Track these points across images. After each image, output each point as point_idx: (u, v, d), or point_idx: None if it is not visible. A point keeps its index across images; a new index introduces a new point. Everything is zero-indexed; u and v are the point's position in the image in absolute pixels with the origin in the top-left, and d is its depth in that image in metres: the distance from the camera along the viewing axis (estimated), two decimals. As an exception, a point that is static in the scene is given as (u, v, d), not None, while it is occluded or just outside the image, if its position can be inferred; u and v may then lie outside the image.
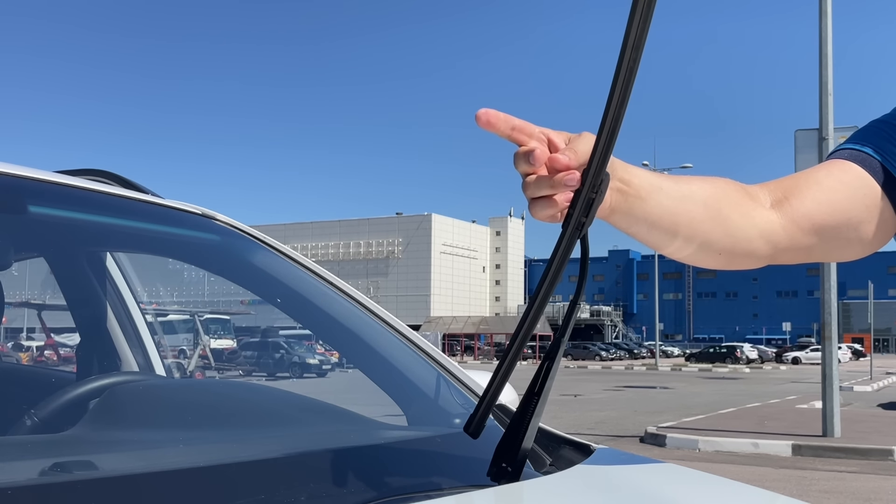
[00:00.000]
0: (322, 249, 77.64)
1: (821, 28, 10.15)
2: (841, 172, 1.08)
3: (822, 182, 1.07)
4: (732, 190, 1.04)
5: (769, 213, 1.05)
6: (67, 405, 1.22)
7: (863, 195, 1.06)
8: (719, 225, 1.00)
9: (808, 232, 1.05)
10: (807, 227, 1.05)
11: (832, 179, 1.07)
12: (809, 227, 1.05)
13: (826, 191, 1.06)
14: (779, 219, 1.04)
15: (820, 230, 1.05)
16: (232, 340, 21.27)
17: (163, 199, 1.59)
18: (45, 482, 0.88)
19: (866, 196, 1.06)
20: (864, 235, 1.07)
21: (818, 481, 7.63)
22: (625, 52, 0.77)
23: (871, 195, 1.06)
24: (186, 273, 8.90)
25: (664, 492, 1.17)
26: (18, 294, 4.86)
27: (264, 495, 0.93)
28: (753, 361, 51.30)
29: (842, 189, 1.06)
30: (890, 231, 1.09)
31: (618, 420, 13.30)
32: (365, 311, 1.53)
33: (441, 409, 1.42)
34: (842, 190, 1.06)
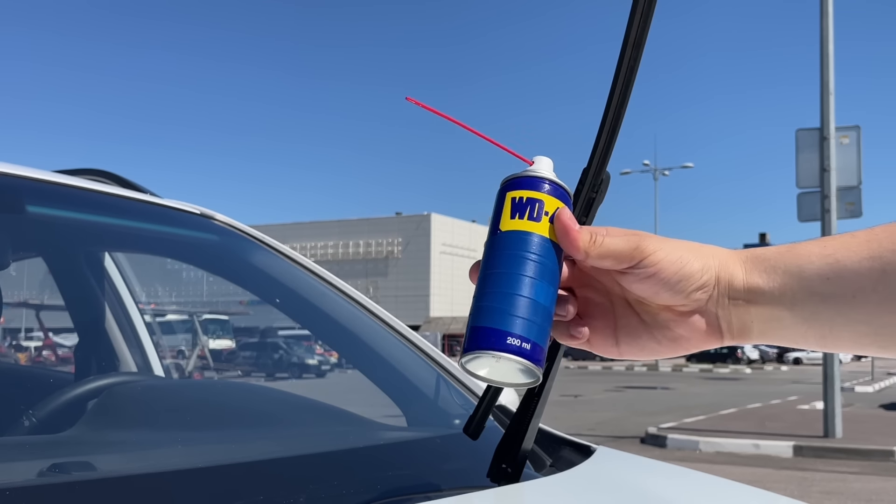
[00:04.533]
0: (321, 249, 77.69)
1: (822, 28, 10.15)
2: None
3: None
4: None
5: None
6: (66, 406, 1.22)
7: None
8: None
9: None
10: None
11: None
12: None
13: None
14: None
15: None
16: (231, 341, 21.29)
17: (161, 199, 1.59)
18: (44, 483, 0.88)
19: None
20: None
21: (819, 482, 7.63)
22: (625, 50, 0.77)
23: None
24: (185, 273, 8.87)
25: (665, 493, 1.16)
26: (17, 294, 4.87)
27: (263, 496, 0.93)
28: (755, 362, 51.32)
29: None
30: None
31: (618, 421, 13.30)
32: (364, 312, 1.52)
33: (441, 410, 1.42)
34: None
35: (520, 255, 0.63)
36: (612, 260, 0.64)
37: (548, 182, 0.66)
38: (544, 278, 0.63)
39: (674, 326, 0.67)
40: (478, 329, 0.62)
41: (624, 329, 0.68)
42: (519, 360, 0.61)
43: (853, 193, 9.98)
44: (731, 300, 0.65)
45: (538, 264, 0.63)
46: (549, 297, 0.63)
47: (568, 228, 0.64)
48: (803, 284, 0.62)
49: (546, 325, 0.63)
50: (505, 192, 0.67)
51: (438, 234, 77.42)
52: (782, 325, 0.64)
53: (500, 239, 0.65)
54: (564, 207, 0.66)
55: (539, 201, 0.65)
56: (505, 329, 0.61)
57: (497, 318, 0.61)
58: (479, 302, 0.63)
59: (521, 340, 0.61)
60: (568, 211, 0.66)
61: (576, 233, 0.64)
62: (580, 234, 0.65)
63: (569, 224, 0.65)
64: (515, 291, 0.62)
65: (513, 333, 0.61)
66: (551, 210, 0.65)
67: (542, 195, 0.65)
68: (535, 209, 0.65)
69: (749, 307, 0.64)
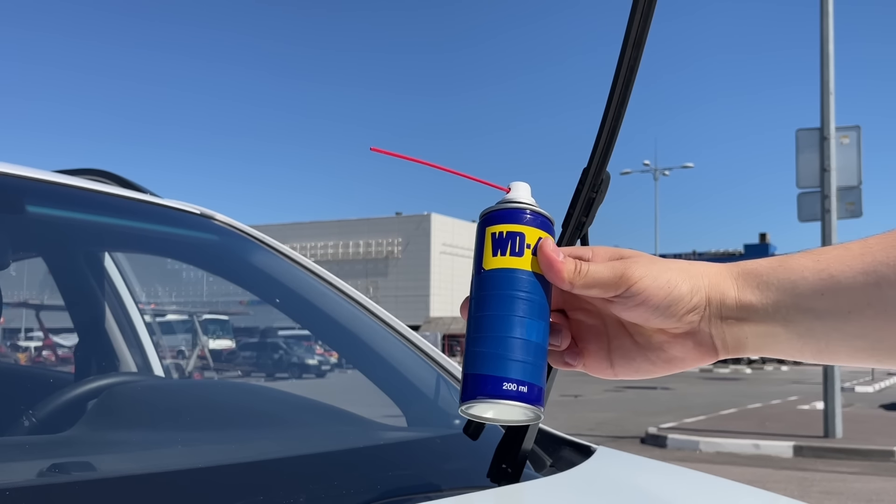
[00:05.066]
0: (321, 249, 77.68)
1: (822, 28, 10.15)
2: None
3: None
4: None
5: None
6: (66, 406, 1.22)
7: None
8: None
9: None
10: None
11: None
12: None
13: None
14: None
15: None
16: (231, 341, 21.28)
17: (161, 199, 1.59)
18: (44, 483, 0.87)
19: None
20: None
21: (819, 482, 7.63)
22: (625, 50, 0.77)
23: None
24: (185, 273, 8.86)
25: (665, 493, 1.16)
26: (17, 294, 4.87)
27: (263, 496, 0.93)
28: (755, 362, 51.32)
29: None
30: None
31: (618, 421, 13.30)
32: (364, 312, 1.52)
33: (441, 410, 1.42)
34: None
35: (507, 295, 0.62)
36: (598, 289, 0.63)
37: (527, 212, 0.65)
38: (534, 315, 0.62)
39: (667, 348, 0.66)
40: (473, 377, 0.61)
41: (618, 351, 0.68)
42: (517, 404, 0.60)
43: (853, 193, 9.98)
44: (723, 319, 0.63)
45: (526, 302, 0.62)
46: (541, 334, 0.62)
47: (551, 260, 0.63)
48: (797, 301, 0.61)
49: (541, 362, 0.62)
50: (484, 227, 0.66)
51: (438, 234, 77.41)
52: (777, 341, 0.63)
53: (484, 279, 0.64)
54: (547, 238, 0.65)
55: (519, 234, 0.64)
56: (500, 375, 0.60)
57: (491, 363, 0.61)
58: (472, 347, 0.62)
59: (517, 384, 0.60)
60: (551, 241, 0.65)
61: (560, 264, 0.63)
62: (564, 264, 0.63)
63: (551, 256, 0.63)
64: (507, 334, 0.61)
65: (509, 378, 0.60)
66: (533, 242, 0.64)
67: (521, 227, 0.64)
68: (517, 243, 0.63)
69: (743, 324, 0.63)
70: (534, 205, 0.66)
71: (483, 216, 0.66)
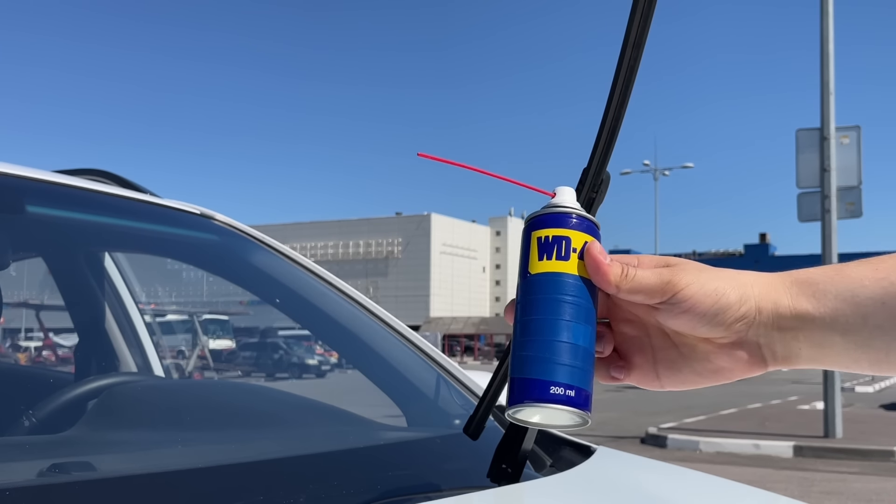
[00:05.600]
0: (321, 249, 77.67)
1: (822, 28, 10.15)
2: None
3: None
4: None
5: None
6: (66, 406, 1.22)
7: None
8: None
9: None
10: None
11: None
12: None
13: None
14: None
15: None
16: (231, 341, 21.28)
17: (161, 199, 1.59)
18: (44, 483, 0.87)
19: None
20: None
21: (820, 482, 7.63)
22: (625, 50, 0.77)
23: None
24: (185, 273, 8.86)
25: (665, 493, 1.16)
26: (17, 294, 4.87)
27: (263, 496, 0.93)
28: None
29: None
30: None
31: (618, 421, 13.29)
32: (364, 312, 1.52)
33: (441, 410, 1.42)
34: None
35: (553, 299, 0.62)
36: (643, 295, 0.62)
37: (573, 216, 0.64)
38: (581, 319, 0.62)
39: (714, 358, 0.64)
40: (521, 381, 0.61)
41: (663, 362, 0.66)
42: (564, 408, 0.60)
43: (853, 193, 9.98)
44: (777, 329, 0.62)
45: (573, 306, 0.62)
46: (587, 338, 0.62)
47: (598, 263, 0.62)
48: (857, 310, 0.59)
49: (588, 366, 0.62)
50: (530, 231, 0.65)
51: (438, 234, 77.36)
52: (834, 352, 0.61)
53: (530, 283, 0.63)
54: (593, 241, 0.64)
55: (566, 238, 0.63)
56: (548, 379, 0.60)
57: (538, 367, 0.60)
58: (518, 351, 0.62)
59: (564, 388, 0.60)
60: (597, 245, 0.64)
61: (606, 267, 0.62)
62: (611, 267, 0.63)
63: (599, 259, 0.63)
64: (554, 338, 0.61)
65: (556, 382, 0.60)
66: (579, 245, 0.63)
67: (567, 231, 0.63)
68: (563, 247, 0.63)
69: (797, 333, 0.62)
70: (580, 209, 0.66)
71: (529, 220, 0.66)
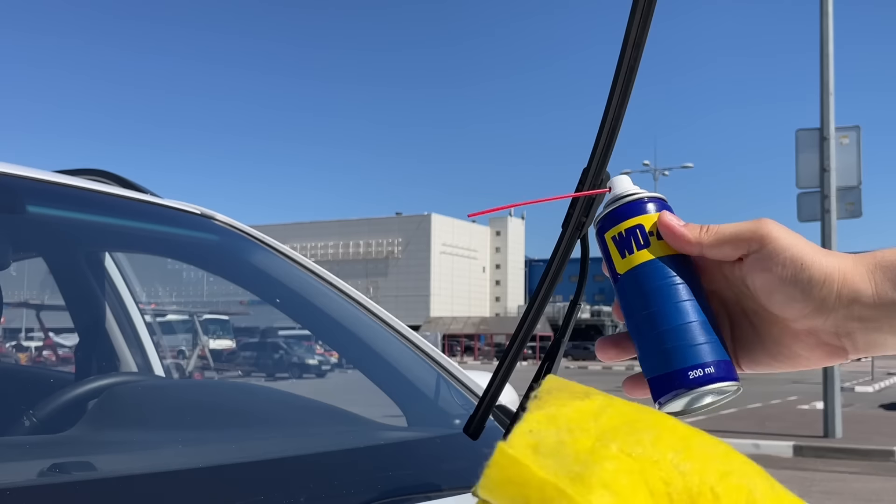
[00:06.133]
0: (321, 249, 77.66)
1: (822, 28, 10.15)
2: None
3: None
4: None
5: None
6: (66, 406, 1.22)
7: None
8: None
9: None
10: None
11: None
12: None
13: None
14: None
15: None
16: (231, 341, 21.28)
17: (161, 199, 1.59)
18: (44, 483, 0.87)
19: None
20: None
21: (819, 482, 7.62)
22: (625, 50, 0.77)
23: None
24: (185, 273, 8.90)
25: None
26: (17, 294, 4.87)
27: (263, 496, 0.93)
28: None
29: None
30: None
31: (618, 420, 13.28)
32: (364, 312, 1.52)
33: (441, 410, 1.42)
34: None
35: (652, 289, 0.61)
36: (730, 246, 0.60)
37: (631, 202, 0.63)
38: (685, 296, 0.60)
39: (788, 343, 0.62)
40: (657, 379, 0.60)
41: (740, 341, 0.65)
42: (708, 388, 0.59)
43: (853, 193, 9.98)
44: (858, 320, 0.57)
45: (672, 286, 0.60)
46: (700, 311, 0.60)
47: (672, 229, 0.61)
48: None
49: (713, 335, 0.60)
50: (602, 236, 0.64)
51: (438, 234, 77.35)
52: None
53: (623, 284, 0.62)
54: (662, 212, 0.63)
55: (638, 227, 0.62)
56: (681, 367, 0.59)
57: (667, 360, 0.59)
58: (643, 351, 0.61)
59: (701, 369, 0.59)
60: (667, 214, 0.63)
61: (682, 230, 0.61)
62: (688, 228, 0.61)
63: (671, 225, 0.61)
64: (670, 325, 0.59)
65: (692, 366, 0.59)
66: (652, 225, 0.62)
67: (636, 220, 0.62)
68: (639, 237, 0.62)
69: (881, 323, 0.57)
70: (637, 191, 0.64)
71: (596, 226, 0.65)
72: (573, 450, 0.35)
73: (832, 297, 0.57)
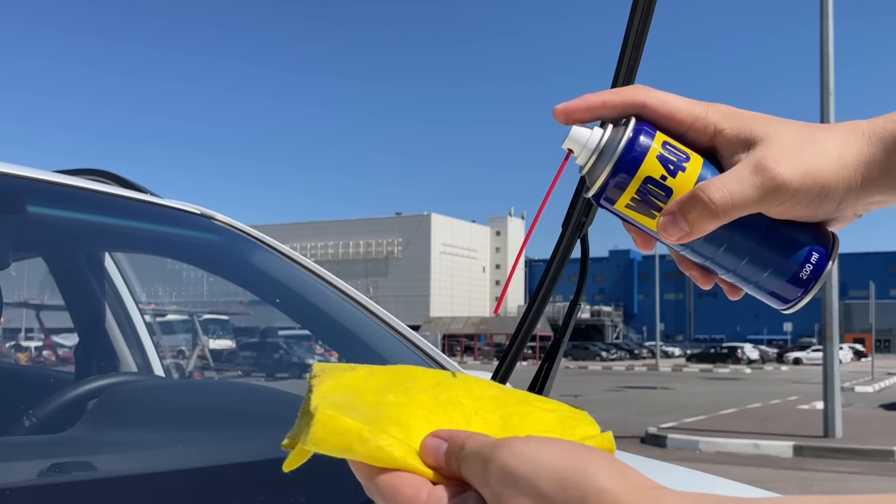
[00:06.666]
0: (321, 249, 77.69)
1: (822, 28, 10.15)
2: None
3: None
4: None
5: None
6: (66, 406, 1.21)
7: None
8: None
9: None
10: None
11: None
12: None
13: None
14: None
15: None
16: (231, 341, 21.28)
17: (161, 199, 1.59)
18: (44, 483, 0.87)
19: None
20: None
21: (819, 482, 7.62)
22: (625, 50, 0.77)
23: None
24: (185, 273, 8.87)
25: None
26: (17, 294, 4.87)
27: (263, 496, 0.93)
28: (755, 362, 51.30)
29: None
30: None
31: (618, 421, 13.29)
32: (364, 312, 1.52)
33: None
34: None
35: (711, 239, 0.54)
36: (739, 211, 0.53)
37: (619, 162, 0.52)
38: (738, 243, 0.54)
39: None
40: (776, 293, 0.56)
41: None
42: (824, 273, 0.56)
43: (853, 193, 9.97)
44: (873, 202, 0.56)
45: (727, 240, 0.54)
46: (755, 228, 0.54)
47: (666, 230, 0.53)
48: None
49: (786, 244, 0.55)
50: (609, 206, 0.55)
51: (438, 234, 77.35)
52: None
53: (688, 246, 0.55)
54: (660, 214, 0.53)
55: (646, 181, 0.52)
56: (791, 275, 0.55)
57: (779, 272, 0.55)
58: (747, 274, 0.55)
59: (803, 268, 0.55)
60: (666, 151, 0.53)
61: (671, 226, 0.53)
62: (673, 223, 0.53)
63: (663, 226, 0.53)
64: (755, 242, 0.54)
65: (798, 269, 0.55)
66: (659, 170, 0.53)
67: (638, 176, 0.52)
68: (657, 191, 0.53)
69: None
70: (605, 139, 0.54)
71: (596, 199, 0.56)
72: (362, 403, 0.46)
73: (843, 193, 0.55)
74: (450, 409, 0.48)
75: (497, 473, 0.40)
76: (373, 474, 0.43)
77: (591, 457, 0.40)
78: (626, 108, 0.55)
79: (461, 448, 0.43)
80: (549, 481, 0.39)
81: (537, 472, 0.39)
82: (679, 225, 0.53)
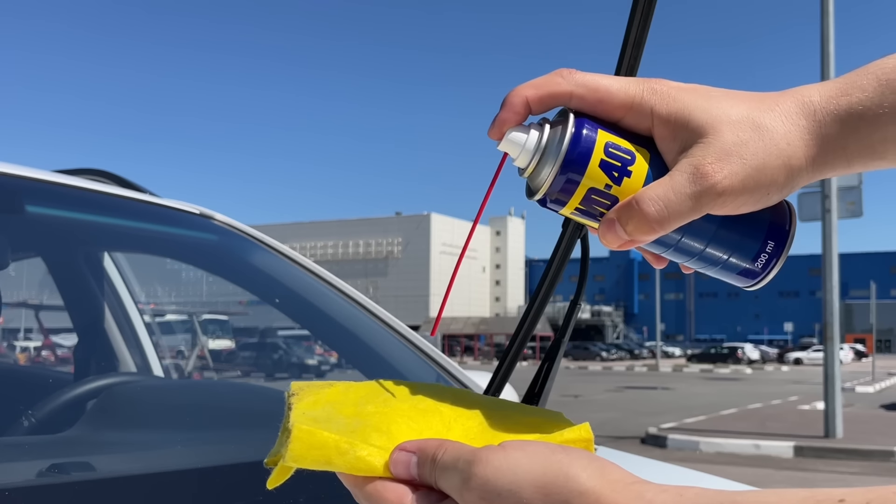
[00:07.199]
0: (321, 249, 77.69)
1: (822, 28, 10.16)
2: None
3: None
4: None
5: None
6: (65, 406, 1.21)
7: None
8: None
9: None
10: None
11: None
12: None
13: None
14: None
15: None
16: (230, 341, 21.27)
17: (161, 199, 1.59)
18: (44, 483, 0.87)
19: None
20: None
21: (820, 482, 7.63)
22: (625, 50, 0.77)
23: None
24: (184, 273, 8.84)
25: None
26: (16, 294, 4.87)
27: (263, 496, 0.93)
28: (755, 362, 51.31)
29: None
30: None
31: (618, 421, 13.28)
32: (364, 312, 1.52)
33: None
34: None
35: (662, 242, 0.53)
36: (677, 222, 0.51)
37: (561, 170, 0.49)
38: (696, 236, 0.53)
39: None
40: (739, 275, 0.55)
41: None
42: (786, 247, 0.53)
43: (853, 193, 9.98)
44: (823, 178, 0.53)
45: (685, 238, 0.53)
46: (707, 224, 0.52)
47: (608, 239, 0.51)
48: None
49: (736, 236, 0.53)
50: (553, 208, 0.52)
51: (438, 234, 77.36)
52: None
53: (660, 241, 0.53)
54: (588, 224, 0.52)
55: (589, 191, 0.50)
56: (751, 259, 0.53)
57: (740, 259, 0.53)
58: (710, 267, 0.54)
59: (763, 249, 0.53)
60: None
61: (616, 235, 0.51)
62: (616, 232, 0.50)
63: (607, 238, 0.51)
64: (710, 236, 0.53)
65: (759, 250, 0.53)
66: (602, 180, 0.50)
67: (583, 185, 0.49)
68: (602, 198, 0.50)
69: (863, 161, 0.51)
70: (565, 134, 0.49)
71: (541, 202, 0.52)
72: (342, 415, 0.47)
73: (804, 169, 0.52)
74: (429, 417, 0.49)
75: (478, 491, 0.40)
76: (359, 483, 0.45)
77: (571, 459, 0.40)
78: (552, 101, 0.51)
79: (433, 461, 0.43)
80: (531, 490, 0.39)
81: (518, 482, 0.40)
82: (618, 234, 0.51)
